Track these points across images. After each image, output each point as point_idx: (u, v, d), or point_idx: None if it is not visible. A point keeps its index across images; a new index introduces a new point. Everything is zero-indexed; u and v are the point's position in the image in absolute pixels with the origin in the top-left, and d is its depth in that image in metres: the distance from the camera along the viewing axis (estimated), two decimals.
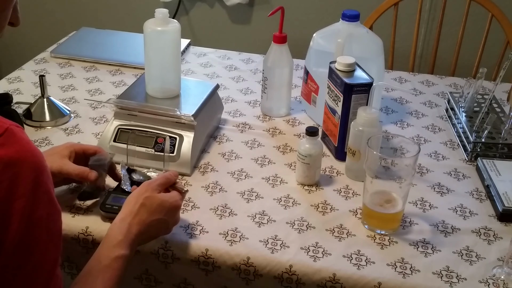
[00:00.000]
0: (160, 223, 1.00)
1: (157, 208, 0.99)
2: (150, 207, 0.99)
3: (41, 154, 0.76)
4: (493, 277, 1.01)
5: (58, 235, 0.80)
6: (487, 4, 1.97)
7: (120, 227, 0.96)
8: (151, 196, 1.00)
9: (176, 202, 1.02)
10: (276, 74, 1.43)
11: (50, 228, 0.77)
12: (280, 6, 1.39)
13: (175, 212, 1.03)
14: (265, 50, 1.47)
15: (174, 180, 1.06)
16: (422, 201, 1.19)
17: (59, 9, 2.80)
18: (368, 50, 1.43)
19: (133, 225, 0.96)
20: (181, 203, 1.04)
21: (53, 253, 0.78)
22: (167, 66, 1.33)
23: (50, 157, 1.08)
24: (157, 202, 1.00)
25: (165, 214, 1.00)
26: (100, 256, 0.92)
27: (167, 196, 1.02)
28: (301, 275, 1.01)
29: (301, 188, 1.22)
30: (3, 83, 1.60)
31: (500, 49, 1.99)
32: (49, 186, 0.77)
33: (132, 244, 0.95)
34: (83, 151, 1.14)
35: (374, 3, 2.07)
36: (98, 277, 0.89)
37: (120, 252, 0.93)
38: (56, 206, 0.79)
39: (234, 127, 1.43)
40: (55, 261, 0.79)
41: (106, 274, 0.90)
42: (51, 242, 0.78)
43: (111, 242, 0.94)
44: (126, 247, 0.94)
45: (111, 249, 0.93)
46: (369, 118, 1.19)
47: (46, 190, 0.76)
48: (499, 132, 1.35)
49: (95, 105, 1.49)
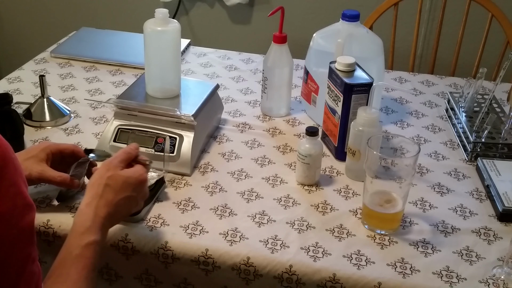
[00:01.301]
0: (128, 201, 0.97)
1: (123, 186, 0.96)
2: (115, 186, 0.95)
3: (7, 145, 0.72)
4: (493, 277, 1.01)
5: (28, 230, 0.76)
6: (487, 4, 1.97)
7: (87, 213, 0.92)
8: (114, 174, 0.96)
9: (141, 176, 0.99)
10: (276, 74, 1.43)
11: (17, 223, 0.73)
12: (280, 6, 1.39)
13: (142, 186, 0.99)
14: (265, 50, 1.47)
15: (135, 153, 1.02)
16: (422, 201, 1.19)
17: (59, 9, 2.80)
18: (368, 50, 1.43)
19: (100, 208, 0.93)
20: (146, 176, 1.01)
21: (23, 249, 0.75)
22: (167, 66, 1.33)
23: (26, 161, 1.05)
24: (121, 179, 0.96)
25: (132, 190, 0.97)
26: (70, 246, 0.89)
27: (131, 172, 0.98)
28: (301, 275, 1.01)
29: (301, 188, 1.22)
30: (3, 83, 1.60)
31: (500, 49, 1.99)
32: (15, 179, 0.73)
33: (102, 228, 0.92)
34: (60, 151, 1.10)
35: (374, 3, 2.07)
36: (71, 267, 0.86)
37: (90, 238, 0.89)
38: (25, 200, 0.75)
39: (234, 127, 1.43)
40: (27, 257, 0.76)
41: (79, 264, 0.87)
42: (19, 238, 0.74)
43: (79, 229, 0.90)
44: (95, 232, 0.90)
45: (80, 237, 0.89)
46: (369, 118, 1.19)
47: (12, 183, 0.72)
48: (499, 132, 1.35)
49: (95, 105, 1.49)
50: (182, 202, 1.16)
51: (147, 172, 1.03)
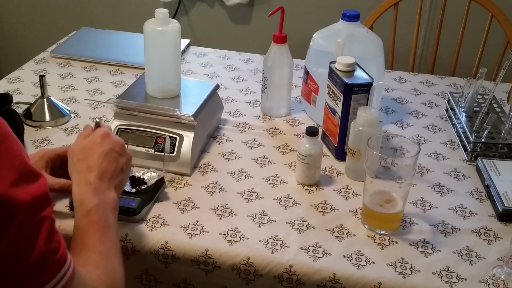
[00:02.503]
0: (106, 156, 0.99)
1: (89, 149, 0.99)
2: (83, 154, 0.98)
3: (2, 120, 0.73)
4: (493, 277, 1.01)
5: (40, 195, 0.75)
6: (487, 4, 1.97)
7: (76, 190, 0.95)
8: (77, 148, 1.00)
9: (98, 133, 1.01)
10: (276, 74, 1.43)
11: (28, 189, 0.73)
12: (280, 6, 1.39)
13: (108, 138, 1.01)
14: (265, 50, 1.47)
15: (89, 131, 1.04)
16: (422, 201, 1.19)
17: (59, 9, 2.80)
18: (368, 50, 1.43)
19: (86, 178, 0.95)
20: (105, 129, 1.02)
21: (38, 213, 0.75)
22: (167, 66, 1.33)
23: None
24: (84, 147, 0.99)
25: (100, 146, 0.99)
26: (77, 222, 0.91)
27: (88, 138, 1.01)
28: (301, 275, 1.02)
29: (301, 188, 1.22)
30: (3, 83, 1.60)
31: (500, 49, 1.99)
32: (18, 150, 0.73)
33: (95, 192, 0.94)
34: (58, 156, 1.11)
35: (374, 3, 2.07)
36: (83, 238, 0.88)
37: (88, 206, 0.91)
38: (31, 169, 0.75)
39: (234, 127, 1.43)
40: (43, 219, 0.75)
41: (89, 231, 0.89)
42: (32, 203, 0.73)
43: (78, 205, 0.93)
44: (91, 199, 0.92)
45: (79, 210, 0.92)
46: (369, 118, 1.19)
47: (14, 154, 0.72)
48: (499, 132, 1.35)
49: (95, 105, 1.49)
50: (182, 202, 1.16)
51: (106, 128, 1.04)
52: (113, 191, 0.98)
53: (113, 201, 0.96)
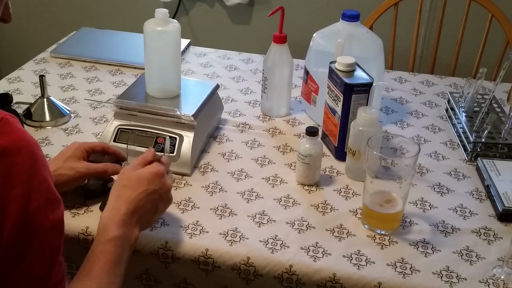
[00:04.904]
0: (149, 195, 0.99)
1: (137, 182, 0.99)
2: (131, 184, 0.99)
3: (36, 143, 0.76)
4: (493, 277, 1.01)
5: (59, 222, 0.79)
6: (487, 4, 1.97)
7: (107, 214, 0.96)
8: (129, 175, 1.00)
9: (154, 169, 1.01)
10: (276, 74, 1.43)
11: (49, 216, 0.77)
12: (280, 6, 1.39)
13: (159, 179, 1.01)
14: (265, 50, 1.47)
15: (151, 157, 1.05)
16: (422, 201, 1.19)
17: (59, 9, 2.80)
18: (368, 50, 1.43)
19: (120, 206, 0.96)
20: (161, 169, 1.02)
21: (54, 240, 0.79)
22: (167, 66, 1.33)
23: (67, 162, 1.10)
24: (136, 176, 1.00)
25: (148, 184, 0.99)
26: (94, 245, 0.93)
27: (144, 169, 1.02)
28: (301, 275, 1.02)
29: (301, 188, 1.22)
30: (3, 83, 1.60)
31: (500, 49, 1.99)
32: (46, 175, 0.77)
33: (122, 224, 0.95)
34: (91, 148, 1.15)
35: (374, 3, 2.07)
36: (94, 263, 0.90)
37: (110, 235, 0.92)
38: (55, 194, 0.79)
39: (234, 127, 1.43)
40: (57, 248, 0.79)
41: (101, 259, 0.90)
42: (52, 230, 0.78)
43: (100, 229, 0.94)
44: (116, 228, 0.93)
45: (101, 235, 0.93)
46: (369, 118, 1.19)
47: (43, 179, 0.76)
48: (499, 132, 1.35)
49: (95, 105, 1.49)
50: (182, 202, 1.16)
51: (165, 165, 1.05)
52: (138, 228, 0.98)
53: (134, 238, 0.97)
